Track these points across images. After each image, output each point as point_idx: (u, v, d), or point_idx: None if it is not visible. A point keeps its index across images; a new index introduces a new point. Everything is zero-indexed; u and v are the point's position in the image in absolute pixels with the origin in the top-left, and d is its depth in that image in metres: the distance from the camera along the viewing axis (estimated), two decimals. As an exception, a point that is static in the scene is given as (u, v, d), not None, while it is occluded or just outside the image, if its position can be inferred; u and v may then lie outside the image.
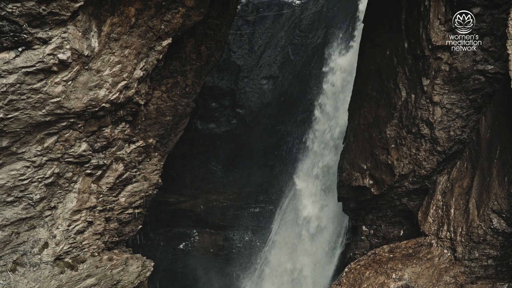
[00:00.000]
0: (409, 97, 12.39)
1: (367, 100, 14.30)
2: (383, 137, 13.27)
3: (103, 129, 11.82)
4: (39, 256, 11.71)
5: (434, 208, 11.94)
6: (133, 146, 13.21)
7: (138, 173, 13.90)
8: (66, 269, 12.31)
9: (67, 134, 10.98)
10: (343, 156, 15.80)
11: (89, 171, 12.21)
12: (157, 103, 13.73)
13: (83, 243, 12.81)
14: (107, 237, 13.81)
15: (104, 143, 12.06)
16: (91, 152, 11.86)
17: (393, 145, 12.97)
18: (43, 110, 9.99)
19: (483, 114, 11.34)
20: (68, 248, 12.35)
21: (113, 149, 12.57)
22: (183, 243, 26.85)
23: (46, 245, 11.81)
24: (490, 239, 10.39)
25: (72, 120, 10.77)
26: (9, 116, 9.59)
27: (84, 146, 11.54)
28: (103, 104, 10.95)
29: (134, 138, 13.13)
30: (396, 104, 12.82)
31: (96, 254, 13.27)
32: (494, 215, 10.27)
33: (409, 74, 12.40)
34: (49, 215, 11.80)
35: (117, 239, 14.56)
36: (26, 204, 11.12)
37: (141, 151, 13.53)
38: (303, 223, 22.38)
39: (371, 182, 14.06)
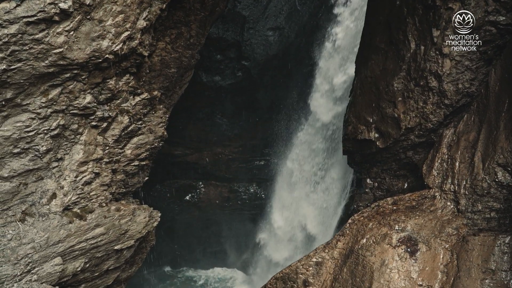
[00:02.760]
0: (418, 49, 12.14)
1: (375, 52, 14.04)
2: (390, 90, 13.11)
3: (107, 81, 11.73)
4: (48, 207, 11.92)
5: (439, 161, 11.94)
6: (138, 98, 13.15)
7: (144, 125, 13.91)
8: (74, 219, 12.56)
9: (71, 86, 10.92)
10: (349, 109, 15.68)
11: (95, 123, 12.22)
12: (161, 55, 13.56)
13: (91, 194, 13.01)
14: (114, 188, 14.00)
15: (109, 95, 12.01)
16: (95, 104, 11.83)
17: (400, 98, 12.83)
18: (46, 61, 9.90)
19: (493, 67, 11.14)
20: (76, 198, 12.55)
21: (118, 101, 12.53)
22: (189, 195, 27.26)
23: (54, 195, 12.00)
24: (494, 192, 10.44)
25: (75, 71, 10.68)
26: (12, 67, 9.52)
27: (88, 98, 11.50)
28: (107, 55, 10.81)
29: (139, 90, 13.05)
30: (405, 56, 12.58)
31: (104, 205, 13.50)
32: (499, 169, 10.27)
33: (419, 25, 12.09)
34: (56, 166, 11.92)
35: (124, 190, 14.77)
36: (32, 155, 11.21)
37: (146, 104, 13.48)
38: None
39: (376, 135, 14.02)
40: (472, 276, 10.02)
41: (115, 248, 14.17)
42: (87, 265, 13.55)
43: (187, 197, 27.27)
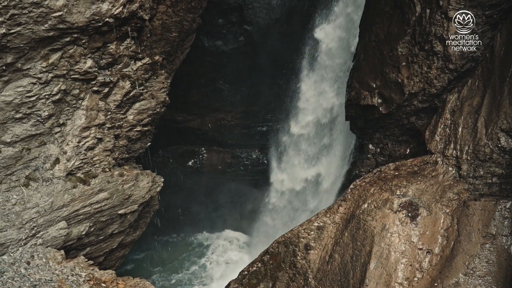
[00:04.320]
0: (424, 12, 11.91)
1: (380, 15, 13.78)
2: (394, 54, 12.94)
3: (108, 45, 11.61)
4: (51, 172, 12.00)
5: (442, 126, 11.89)
6: (139, 63, 13.04)
7: (145, 91, 13.85)
8: (78, 184, 12.66)
9: (72, 50, 10.82)
10: (352, 75, 15.53)
11: (96, 88, 12.17)
12: (162, 19, 13.34)
13: (94, 159, 13.07)
14: (117, 154, 14.05)
15: (110, 59, 11.90)
16: (97, 69, 11.75)
17: (404, 63, 12.68)
18: (46, 25, 9.78)
19: (499, 31, 10.95)
20: (80, 163, 12.62)
21: (119, 66, 12.43)
22: (192, 161, 27.39)
23: (57, 160, 12.06)
24: (497, 158, 10.44)
25: (75, 35, 10.56)
26: (11, 31, 9.42)
27: (89, 62, 11.41)
28: (107, 19, 10.66)
29: (140, 55, 12.93)
30: (410, 20, 12.36)
31: (107, 170, 13.59)
32: (502, 134, 10.24)
33: (424, -13, 11.84)
34: (59, 131, 11.94)
35: (127, 155, 14.83)
36: (35, 121, 11.22)
37: (147, 69, 13.37)
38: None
39: (379, 101, 13.93)
40: (472, 240, 10.13)
41: (119, 212, 14.35)
42: (92, 229, 13.75)
43: (190, 163, 27.40)
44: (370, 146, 15.41)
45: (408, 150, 14.11)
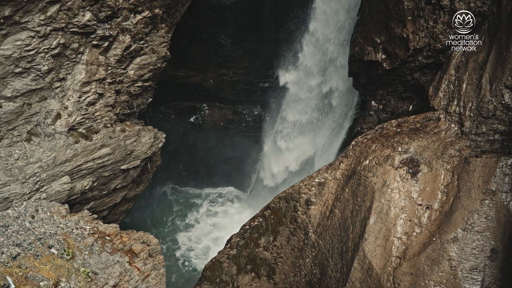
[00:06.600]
0: (431, -36, 11.56)
1: (386, -33, 13.39)
2: (400, 8, 12.64)
3: (107, -3, 11.38)
4: (53, 127, 12.00)
5: (446, 83, 11.77)
6: (139, 17, 12.79)
7: (146, 45, 13.65)
8: (80, 139, 12.69)
9: (70, 3, 10.60)
10: (356, 29, 15.23)
11: (96, 42, 12.00)
12: (162, -30, 13.02)
13: (95, 114, 13.05)
14: (118, 109, 14.01)
15: (109, 12, 11.67)
16: (96, 22, 11.54)
17: (410, 17, 12.40)
18: (43, -24, 9.54)
19: (508, -15, 10.67)
20: (81, 119, 12.61)
21: (119, 19, 12.20)
22: (194, 117, 27.32)
23: (58, 116, 12.04)
24: (500, 114, 10.38)
25: (73, -13, 10.33)
26: (7, -18, 9.21)
27: (88, 15, 11.19)
28: (105, -30, 10.39)
29: (140, 8, 12.67)
30: (417, -28, 12.02)
31: (109, 125, 13.58)
32: (507, 91, 10.14)
33: None
34: (59, 86, 11.86)
35: (128, 111, 14.79)
36: (34, 75, 11.12)
37: (147, 22, 13.13)
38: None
39: (383, 56, 13.72)
40: (472, 196, 10.22)
41: (122, 167, 14.45)
42: (95, 184, 13.89)
43: (192, 119, 27.35)
44: (373, 102, 15.31)
45: (411, 107, 14.02)
